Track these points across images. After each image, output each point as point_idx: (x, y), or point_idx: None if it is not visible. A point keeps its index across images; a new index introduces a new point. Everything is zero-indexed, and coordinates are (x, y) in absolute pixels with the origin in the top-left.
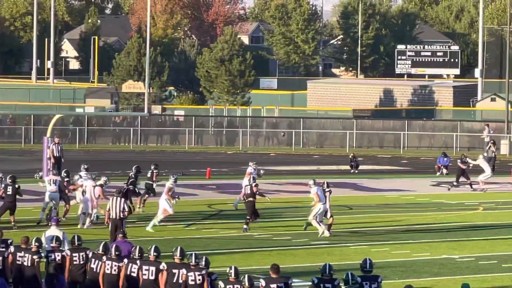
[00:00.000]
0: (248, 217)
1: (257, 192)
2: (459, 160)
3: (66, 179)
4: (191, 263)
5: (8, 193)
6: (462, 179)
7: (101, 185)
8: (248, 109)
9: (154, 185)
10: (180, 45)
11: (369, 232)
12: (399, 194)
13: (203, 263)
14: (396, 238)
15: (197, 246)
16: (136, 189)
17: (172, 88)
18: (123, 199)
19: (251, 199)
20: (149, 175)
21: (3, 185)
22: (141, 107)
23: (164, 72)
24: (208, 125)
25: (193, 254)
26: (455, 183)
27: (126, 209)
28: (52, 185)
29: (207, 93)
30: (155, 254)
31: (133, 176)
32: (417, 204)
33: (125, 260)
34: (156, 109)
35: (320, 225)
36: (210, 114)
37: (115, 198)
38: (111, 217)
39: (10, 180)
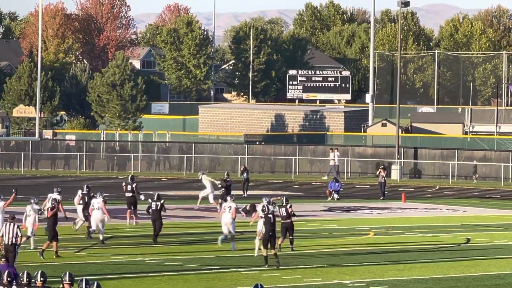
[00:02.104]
0: (291, 236)
1: (292, 213)
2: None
3: None
4: None
5: None
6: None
7: (104, 201)
8: (140, 134)
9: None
10: (71, 70)
11: (260, 257)
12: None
13: None
14: (287, 263)
15: (88, 272)
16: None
17: (64, 112)
18: (16, 224)
19: (288, 220)
20: None
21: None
22: (32, 131)
23: (55, 97)
24: (100, 150)
25: (84, 280)
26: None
27: (19, 234)
28: None
29: (99, 118)
30: (41, 279)
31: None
32: (308, 230)
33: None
34: (48, 134)
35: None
36: (102, 139)
37: (8, 223)
38: (4, 243)
39: None
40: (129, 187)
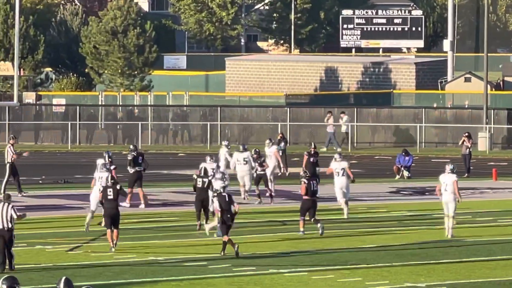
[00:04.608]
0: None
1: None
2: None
3: None
4: None
5: None
6: None
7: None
8: (149, 96)
9: None
10: (59, 14)
11: (309, 254)
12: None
13: None
14: (343, 262)
15: (84, 276)
16: None
17: (50, 69)
18: (11, 205)
19: (314, 197)
20: None
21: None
22: (10, 94)
23: (38, 49)
24: (98, 117)
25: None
26: None
27: (15, 216)
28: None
29: (96, 76)
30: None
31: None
32: (371, 218)
33: None
34: (30, 97)
35: None
36: (100, 103)
37: (2, 203)
38: None
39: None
40: (139, 159)
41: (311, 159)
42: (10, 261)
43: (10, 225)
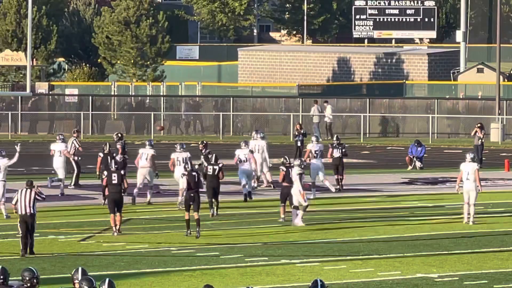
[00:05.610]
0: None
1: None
2: None
3: None
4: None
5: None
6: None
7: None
8: (162, 86)
9: None
10: (72, 4)
11: (321, 245)
12: (359, 195)
13: (106, 287)
14: (356, 253)
15: (97, 266)
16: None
17: (62, 59)
18: (33, 191)
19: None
20: None
21: None
22: (22, 84)
23: (51, 39)
24: (110, 108)
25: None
26: None
27: (39, 197)
28: None
29: (108, 66)
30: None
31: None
32: (383, 209)
33: None
34: (42, 87)
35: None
36: (113, 93)
37: (24, 189)
38: (19, 213)
39: None
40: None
41: (335, 151)
42: (31, 247)
43: (32, 211)
